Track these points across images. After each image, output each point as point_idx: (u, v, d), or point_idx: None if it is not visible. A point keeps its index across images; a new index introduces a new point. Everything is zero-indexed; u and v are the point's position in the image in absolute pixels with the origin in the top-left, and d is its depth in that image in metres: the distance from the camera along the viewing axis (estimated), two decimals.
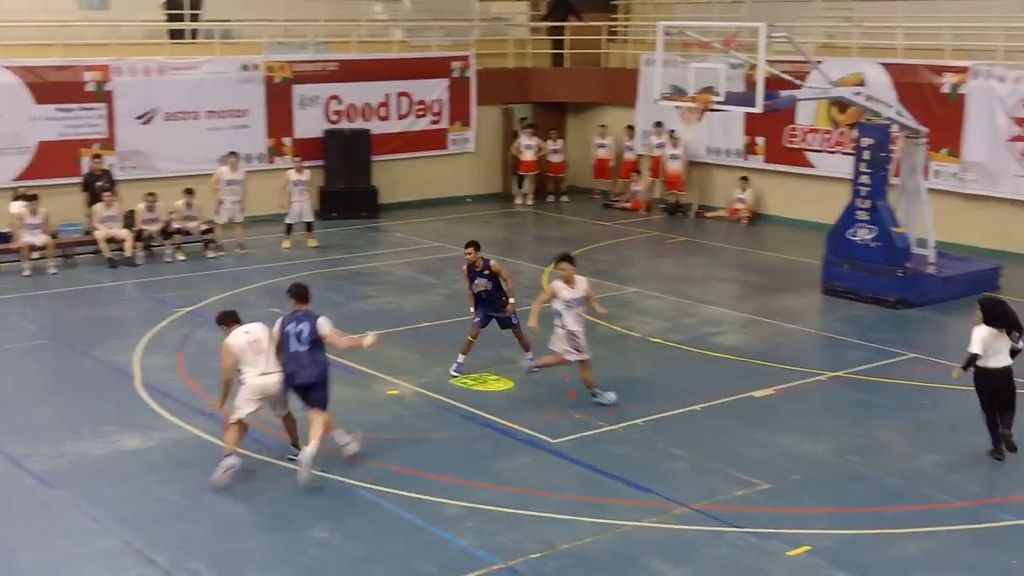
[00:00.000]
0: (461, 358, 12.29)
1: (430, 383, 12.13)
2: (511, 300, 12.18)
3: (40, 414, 11.35)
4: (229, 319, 9.87)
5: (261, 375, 9.56)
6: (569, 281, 11.17)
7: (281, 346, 9.64)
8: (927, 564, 8.28)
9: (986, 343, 9.85)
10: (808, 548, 8.45)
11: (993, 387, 9.93)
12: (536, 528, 8.75)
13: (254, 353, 9.58)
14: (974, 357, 9.85)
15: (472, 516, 8.97)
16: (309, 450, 9.33)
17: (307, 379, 9.58)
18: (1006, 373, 9.91)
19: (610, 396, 11.40)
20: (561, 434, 10.65)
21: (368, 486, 9.50)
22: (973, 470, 10.01)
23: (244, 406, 9.55)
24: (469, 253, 12.12)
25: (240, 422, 9.55)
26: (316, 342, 9.61)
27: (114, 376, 12.46)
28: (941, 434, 10.88)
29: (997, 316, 9.94)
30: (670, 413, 11.24)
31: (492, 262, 12.18)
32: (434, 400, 11.65)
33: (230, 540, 8.62)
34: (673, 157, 22.16)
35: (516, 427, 10.83)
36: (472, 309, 12.34)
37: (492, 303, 12.22)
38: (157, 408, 11.38)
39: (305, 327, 9.59)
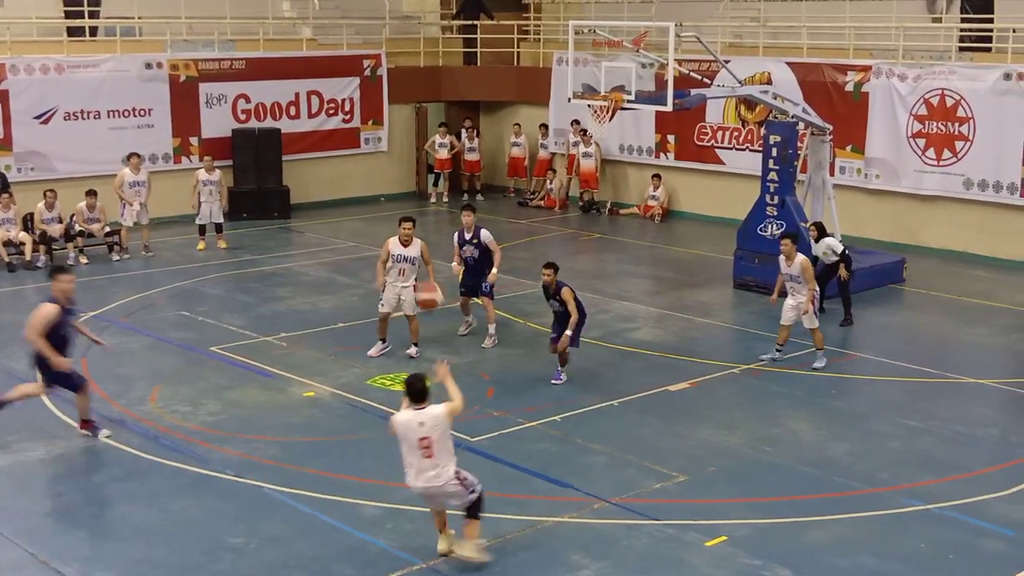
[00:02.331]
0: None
1: (346, 384, 11.98)
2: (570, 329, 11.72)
3: None
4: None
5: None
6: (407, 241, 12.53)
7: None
8: (839, 550, 8.45)
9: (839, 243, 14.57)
10: (725, 538, 8.56)
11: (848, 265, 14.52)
12: (456, 527, 8.68)
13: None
14: (844, 251, 14.45)
15: (391, 517, 8.87)
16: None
17: None
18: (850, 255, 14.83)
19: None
20: (479, 432, 10.60)
21: (284, 490, 9.33)
22: (881, 457, 10.26)
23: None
24: (547, 275, 11.86)
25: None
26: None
27: (16, 383, 11.98)
28: (850, 422, 11.14)
29: (825, 231, 14.69)
30: (587, 408, 11.29)
31: (564, 289, 11.83)
32: (350, 401, 11.50)
33: (141, 549, 8.37)
34: (586, 155, 22.31)
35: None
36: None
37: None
38: (62, 416, 11.01)
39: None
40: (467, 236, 13.32)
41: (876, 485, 9.63)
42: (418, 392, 7.89)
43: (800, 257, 12.57)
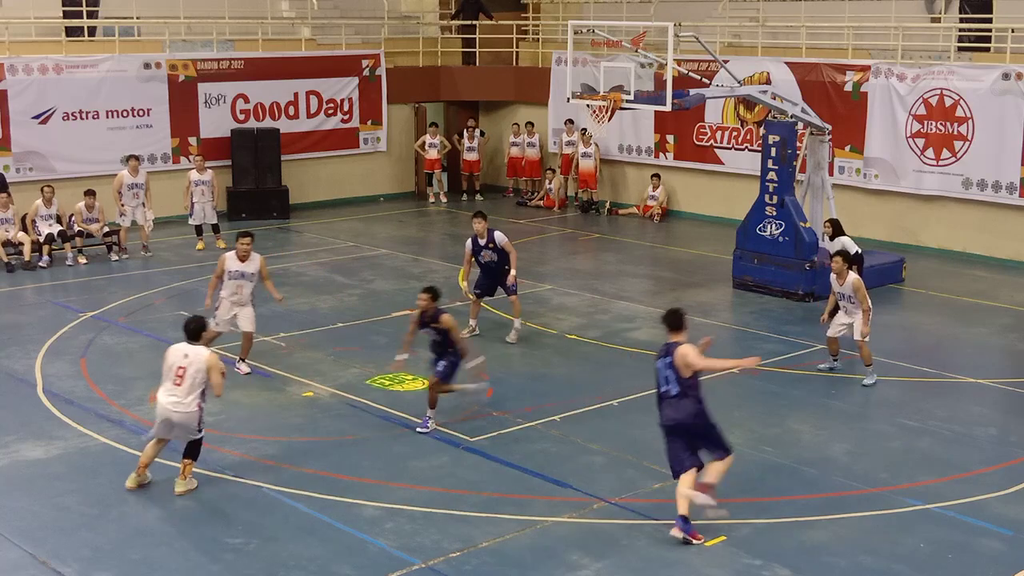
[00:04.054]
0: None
1: (345, 384, 11.97)
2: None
3: None
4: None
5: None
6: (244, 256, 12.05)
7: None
8: (839, 550, 8.45)
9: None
10: (724, 538, 8.56)
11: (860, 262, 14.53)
12: (455, 527, 8.70)
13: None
14: (858, 253, 14.62)
15: (391, 517, 8.87)
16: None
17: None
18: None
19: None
20: (479, 432, 10.61)
21: (284, 490, 9.33)
22: (880, 457, 10.26)
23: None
24: (422, 300, 10.54)
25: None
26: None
27: (14, 384, 12.01)
28: (849, 422, 11.14)
29: (841, 229, 15.04)
30: (586, 408, 11.29)
31: (443, 316, 10.54)
32: (350, 402, 11.50)
33: (140, 548, 8.37)
34: (585, 155, 22.31)
35: (434, 426, 10.75)
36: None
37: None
38: (60, 416, 11.00)
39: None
40: (482, 242, 13.35)
41: (875, 485, 9.63)
42: (194, 331, 9.21)
43: (852, 276, 11.97)
